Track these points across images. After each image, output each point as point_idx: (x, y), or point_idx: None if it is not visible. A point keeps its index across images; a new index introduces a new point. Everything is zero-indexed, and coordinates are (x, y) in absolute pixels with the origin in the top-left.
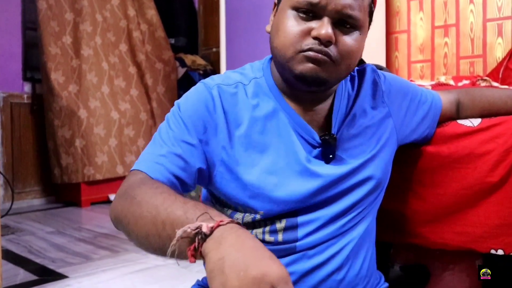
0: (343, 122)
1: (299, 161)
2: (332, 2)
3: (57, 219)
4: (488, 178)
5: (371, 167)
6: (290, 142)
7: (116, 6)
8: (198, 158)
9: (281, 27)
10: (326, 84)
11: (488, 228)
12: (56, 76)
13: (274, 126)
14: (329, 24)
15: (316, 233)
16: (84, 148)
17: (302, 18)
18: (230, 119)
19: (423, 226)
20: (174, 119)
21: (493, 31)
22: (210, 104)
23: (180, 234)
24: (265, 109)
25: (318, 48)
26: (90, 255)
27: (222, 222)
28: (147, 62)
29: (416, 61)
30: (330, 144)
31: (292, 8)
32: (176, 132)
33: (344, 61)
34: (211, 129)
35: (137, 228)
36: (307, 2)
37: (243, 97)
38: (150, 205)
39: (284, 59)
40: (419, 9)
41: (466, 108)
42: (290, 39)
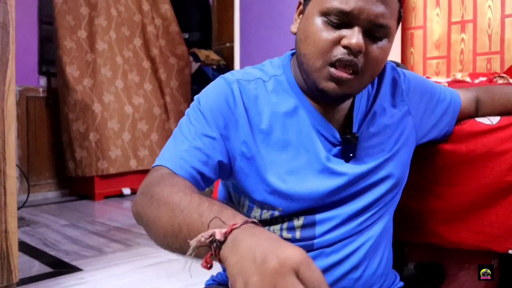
0: (363, 121)
1: (319, 160)
2: (365, 11)
3: (71, 212)
4: (507, 177)
5: (390, 166)
6: (311, 140)
7: (131, 1)
8: (219, 151)
9: (310, 34)
10: (348, 98)
11: (506, 227)
12: (71, 70)
13: (294, 123)
14: (360, 33)
15: (334, 231)
16: (98, 142)
17: (332, 26)
18: (251, 115)
19: (439, 224)
20: (195, 114)
21: (511, 27)
22: (230, 99)
23: (195, 245)
24: (285, 106)
25: (347, 59)
26: (104, 248)
27: (235, 225)
28: (161, 56)
29: (431, 57)
30: (351, 142)
31: (322, 14)
32: (197, 126)
33: (369, 71)
34: (232, 123)
35: (155, 228)
36: (337, 10)
37: (263, 94)
38: (167, 205)
39: (311, 69)
40: (436, 5)
41: (485, 106)
42: (320, 49)
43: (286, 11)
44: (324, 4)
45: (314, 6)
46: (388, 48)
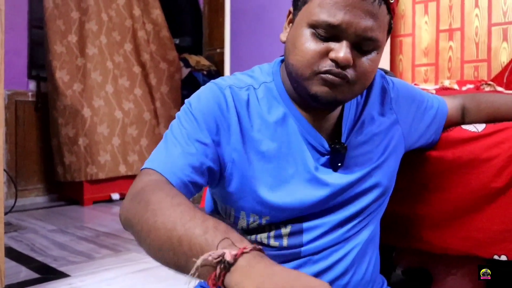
0: (351, 130)
1: (307, 169)
2: (353, 25)
3: (60, 218)
4: (492, 184)
5: (378, 175)
6: (299, 149)
7: (122, 6)
8: (211, 158)
9: (298, 45)
10: (340, 104)
11: (492, 233)
12: (61, 75)
13: (284, 132)
14: (347, 47)
15: (321, 238)
16: (87, 146)
17: (320, 38)
18: (242, 121)
19: (426, 230)
20: (186, 117)
21: (498, 35)
22: (223, 104)
23: (200, 263)
24: (275, 115)
25: (336, 71)
26: (92, 254)
27: (245, 249)
28: (151, 62)
29: (420, 64)
30: (339, 152)
31: (310, 26)
32: (189, 129)
33: (360, 82)
34: (224, 129)
35: (150, 239)
36: (326, 23)
37: (254, 101)
38: (166, 217)
39: (300, 78)
40: (424, 13)
41: (471, 113)
42: (308, 59)
43: (276, 17)
44: (312, 16)
45: (303, 17)
46: (377, 59)
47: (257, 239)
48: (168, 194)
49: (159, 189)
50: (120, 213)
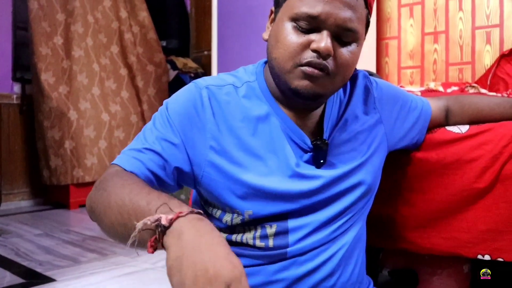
0: (334, 127)
1: (289, 166)
2: (332, 15)
3: (45, 221)
4: (475, 184)
5: (362, 172)
6: (281, 146)
7: (108, 8)
8: (179, 158)
9: (280, 39)
10: (321, 98)
11: (476, 233)
12: (46, 77)
13: (266, 129)
14: (328, 37)
15: (307, 238)
16: (73, 149)
17: (301, 30)
18: (219, 120)
19: (412, 231)
20: (161, 118)
21: (481, 38)
22: (198, 104)
23: (140, 227)
24: (257, 112)
25: (316, 62)
26: (78, 257)
27: (181, 213)
28: (138, 64)
29: (406, 67)
30: (321, 149)
31: (291, 20)
32: (160, 130)
33: (340, 74)
34: (197, 129)
35: (105, 218)
36: (306, 15)
37: (235, 99)
38: (118, 195)
39: (282, 71)
40: (410, 16)
41: (455, 115)
42: (290, 52)
43: (263, 20)
44: (293, 9)
45: (284, 12)
46: (357, 52)
47: (243, 240)
48: (122, 178)
49: (116, 176)
50: (86, 205)
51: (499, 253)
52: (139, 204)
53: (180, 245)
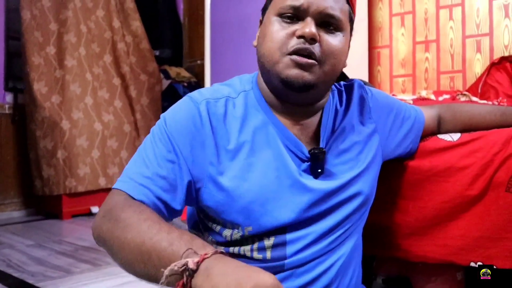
0: (331, 137)
1: (290, 174)
2: (314, 3)
3: (37, 232)
4: (467, 192)
5: (359, 183)
6: (280, 156)
7: (101, 18)
8: (183, 178)
9: (267, 34)
10: (313, 88)
11: (468, 240)
12: (39, 87)
13: (263, 139)
14: (312, 23)
15: (305, 250)
16: (66, 159)
17: (286, 23)
18: (218, 134)
19: (405, 239)
20: (160, 135)
21: (472, 47)
22: (197, 120)
23: (167, 274)
24: (254, 122)
25: (303, 47)
26: (71, 268)
27: (206, 255)
28: (131, 73)
29: (398, 75)
30: (319, 158)
31: (277, 15)
32: (162, 149)
33: (329, 61)
34: (198, 145)
35: (122, 254)
36: (289, 6)
37: (232, 111)
38: (135, 232)
39: (271, 63)
40: (401, 25)
41: (447, 123)
42: (276, 42)
43: (256, 29)
44: (277, 5)
45: (270, 12)
46: (344, 42)
47: (240, 251)
48: (135, 211)
49: (128, 206)
50: (92, 229)
51: (491, 260)
52: (161, 245)
53: (211, 278)
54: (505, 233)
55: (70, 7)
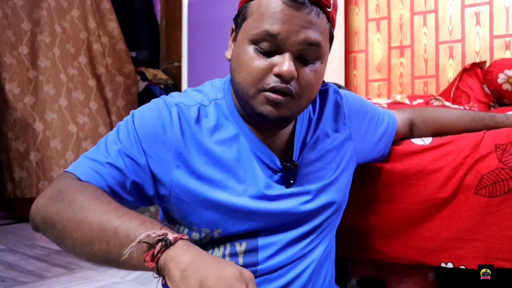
0: (305, 146)
1: (258, 188)
2: (293, 34)
3: (8, 236)
4: (438, 194)
5: (331, 192)
6: (251, 168)
7: (76, 18)
8: (142, 177)
9: (242, 63)
10: (288, 120)
11: (439, 242)
12: (11, 87)
13: (234, 150)
14: (290, 60)
15: (277, 256)
16: (39, 162)
17: (262, 53)
18: (188, 140)
19: (379, 240)
20: (126, 131)
21: (445, 53)
22: (167, 123)
23: (142, 238)
24: (225, 133)
25: (280, 87)
26: (44, 273)
27: (184, 236)
28: (107, 75)
29: (373, 80)
30: (291, 169)
31: (252, 42)
32: (125, 145)
33: (305, 95)
34: (164, 148)
35: (78, 233)
36: (266, 33)
37: (203, 119)
38: (98, 212)
39: (246, 96)
40: (377, 30)
41: (418, 127)
42: (252, 77)
43: None
44: (252, 31)
45: (244, 34)
46: (321, 70)
47: None
48: (95, 193)
49: (84, 188)
50: (33, 212)
51: (461, 261)
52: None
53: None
54: (474, 234)
55: (44, 6)
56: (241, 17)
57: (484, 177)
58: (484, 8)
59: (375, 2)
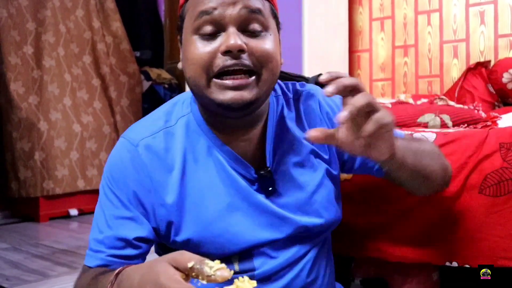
0: (279, 149)
1: (243, 196)
2: (230, 5)
3: (13, 235)
4: (443, 193)
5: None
6: (230, 179)
7: (81, 18)
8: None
9: (189, 56)
10: (256, 103)
11: (444, 241)
12: (15, 87)
13: (210, 165)
14: (235, 33)
15: (272, 260)
16: (43, 161)
17: (207, 39)
18: (163, 174)
19: (383, 240)
20: (107, 191)
21: (449, 52)
22: (137, 165)
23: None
24: (197, 149)
25: (231, 63)
26: (47, 272)
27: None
28: (111, 74)
29: (377, 79)
30: (267, 178)
31: (194, 33)
32: (110, 208)
33: (266, 67)
34: (145, 191)
35: None
36: (203, 14)
37: (172, 144)
38: None
39: (200, 88)
40: (381, 29)
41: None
42: (200, 64)
43: None
44: (191, 19)
45: (186, 30)
46: (275, 41)
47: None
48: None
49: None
50: None
51: (466, 260)
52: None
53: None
54: (479, 233)
55: (49, 6)
56: (181, 20)
57: (488, 176)
58: (489, 7)
59: (379, 1)
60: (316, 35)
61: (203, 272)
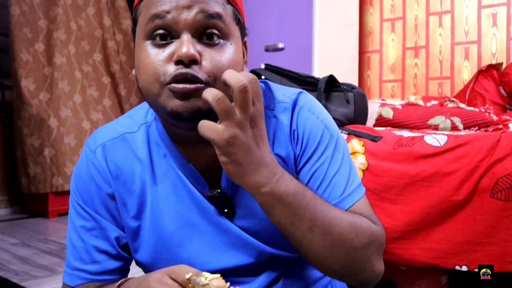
0: None
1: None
2: (185, 9)
3: (22, 230)
4: (453, 197)
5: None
6: (190, 194)
7: (92, 15)
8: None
9: (141, 63)
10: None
11: (453, 245)
12: (26, 84)
13: (169, 179)
14: (189, 41)
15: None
16: (53, 157)
17: (159, 46)
18: (121, 181)
19: (392, 243)
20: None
21: (460, 54)
22: (95, 172)
23: None
24: (157, 161)
25: (182, 72)
26: (56, 267)
27: None
28: (121, 72)
29: (387, 80)
30: (219, 199)
31: (146, 38)
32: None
33: (219, 81)
34: (108, 198)
35: None
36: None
37: (132, 151)
38: None
39: (152, 97)
40: (391, 30)
41: None
42: (152, 72)
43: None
44: (143, 22)
45: (138, 34)
46: (234, 52)
47: None
48: None
49: None
50: None
51: (476, 263)
52: None
53: None
54: (489, 237)
55: (60, 4)
56: (134, 24)
57: (500, 180)
58: (501, 9)
59: (390, 2)
60: (327, 35)
61: (199, 283)
